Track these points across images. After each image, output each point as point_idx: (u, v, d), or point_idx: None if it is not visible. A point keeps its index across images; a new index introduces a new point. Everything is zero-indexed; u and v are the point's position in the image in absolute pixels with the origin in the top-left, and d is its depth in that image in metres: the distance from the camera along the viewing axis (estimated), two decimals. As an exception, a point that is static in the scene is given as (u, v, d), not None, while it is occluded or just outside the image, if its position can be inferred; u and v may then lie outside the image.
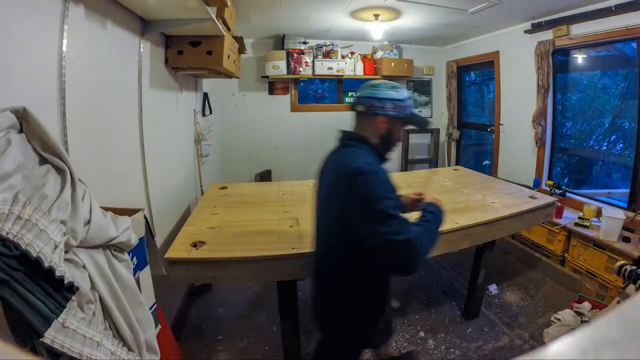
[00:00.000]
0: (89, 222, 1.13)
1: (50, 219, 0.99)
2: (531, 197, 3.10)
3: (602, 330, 0.27)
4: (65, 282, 0.96)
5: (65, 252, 1.04)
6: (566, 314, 2.39)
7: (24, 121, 1.10)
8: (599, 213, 3.67)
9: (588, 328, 0.28)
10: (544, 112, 4.31)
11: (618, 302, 1.20)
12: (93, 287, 1.12)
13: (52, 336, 0.92)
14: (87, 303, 1.08)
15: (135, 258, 1.42)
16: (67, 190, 1.09)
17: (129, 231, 1.29)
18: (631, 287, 2.07)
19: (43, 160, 1.11)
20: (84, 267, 1.10)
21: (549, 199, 3.09)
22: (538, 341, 2.79)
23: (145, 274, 1.52)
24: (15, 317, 0.85)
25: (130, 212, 1.46)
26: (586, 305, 2.45)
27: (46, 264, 0.92)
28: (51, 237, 0.97)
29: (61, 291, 0.96)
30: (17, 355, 0.31)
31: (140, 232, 1.50)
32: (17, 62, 1.30)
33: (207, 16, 2.38)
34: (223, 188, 3.48)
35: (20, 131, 1.10)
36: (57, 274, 0.94)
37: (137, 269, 1.44)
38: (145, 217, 1.55)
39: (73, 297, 1.00)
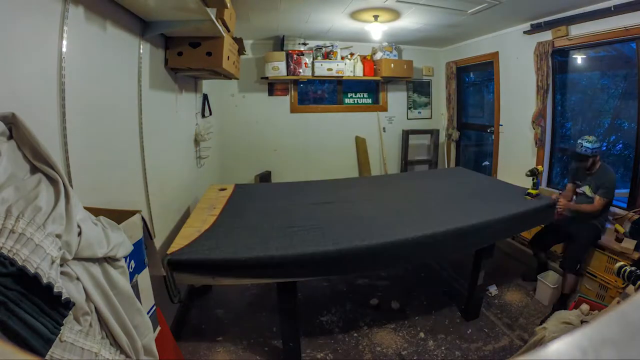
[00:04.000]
0: (79, 234, 1.10)
1: (45, 233, 0.96)
2: (532, 198, 3.11)
3: (602, 330, 0.27)
4: (62, 298, 0.94)
5: (60, 265, 1.01)
6: (552, 324, 2.34)
7: (13, 127, 1.06)
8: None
9: (588, 328, 0.27)
10: (544, 113, 4.32)
11: (618, 303, 1.19)
12: (88, 298, 1.09)
13: (51, 351, 0.90)
14: (83, 315, 1.06)
15: (132, 261, 1.41)
16: (62, 202, 1.06)
17: (118, 247, 1.25)
18: (631, 287, 2.07)
19: (34, 169, 1.07)
20: (77, 279, 1.07)
21: (549, 199, 3.09)
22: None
23: (144, 277, 1.51)
24: (13, 339, 0.82)
25: (128, 213, 1.46)
26: (584, 307, 2.43)
27: (44, 281, 0.89)
28: (47, 252, 0.94)
29: (58, 308, 0.93)
30: (17, 355, 0.31)
31: (138, 234, 1.49)
32: (17, 63, 1.29)
33: (206, 17, 2.38)
34: (222, 190, 3.48)
35: (10, 137, 1.06)
36: (55, 290, 0.92)
37: (135, 272, 1.43)
38: (143, 219, 1.55)
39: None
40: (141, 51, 2.45)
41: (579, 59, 4.23)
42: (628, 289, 2.21)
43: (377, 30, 4.45)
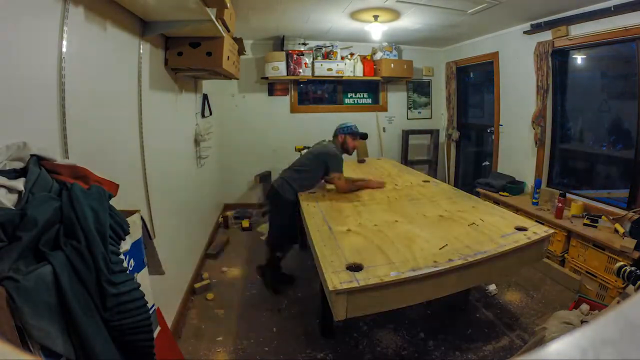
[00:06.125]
0: None
1: None
2: (519, 228, 2.47)
3: (602, 330, 0.27)
4: None
5: None
6: (552, 324, 2.30)
7: None
8: (586, 209, 3.82)
9: (588, 328, 0.27)
10: (544, 113, 4.32)
11: (618, 303, 1.19)
12: None
13: None
14: None
15: (132, 260, 1.41)
16: None
17: None
18: (631, 287, 2.06)
19: None
20: None
21: (540, 229, 2.46)
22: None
23: (143, 276, 1.51)
24: None
25: (127, 213, 1.46)
26: (584, 307, 2.41)
27: None
28: None
29: None
30: (17, 355, 0.31)
31: (137, 233, 1.49)
32: (17, 63, 1.29)
33: (206, 17, 2.37)
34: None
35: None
36: None
37: (135, 271, 1.43)
38: (142, 219, 1.55)
39: None
40: (141, 51, 2.45)
41: (579, 59, 4.23)
42: (628, 289, 2.20)
43: (377, 30, 4.46)
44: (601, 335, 0.27)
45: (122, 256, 1.24)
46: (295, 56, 5.42)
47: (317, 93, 6.48)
